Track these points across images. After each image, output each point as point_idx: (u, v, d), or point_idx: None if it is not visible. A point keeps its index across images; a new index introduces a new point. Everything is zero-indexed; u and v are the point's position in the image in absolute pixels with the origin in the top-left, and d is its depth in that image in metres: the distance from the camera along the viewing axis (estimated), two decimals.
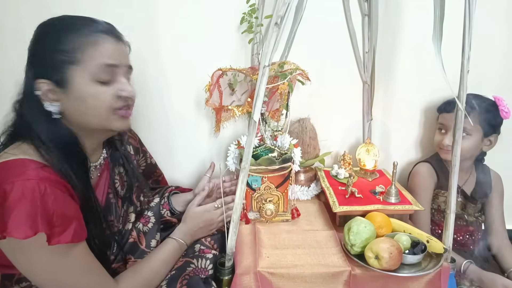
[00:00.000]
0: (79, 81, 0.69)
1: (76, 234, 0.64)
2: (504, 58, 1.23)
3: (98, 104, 0.71)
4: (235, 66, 1.04)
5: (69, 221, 0.63)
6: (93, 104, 0.70)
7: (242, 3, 1.07)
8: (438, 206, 1.20)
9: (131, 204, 0.91)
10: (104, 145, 0.86)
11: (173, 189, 1.11)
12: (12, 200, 0.58)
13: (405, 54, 1.22)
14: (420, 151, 1.34)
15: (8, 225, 0.57)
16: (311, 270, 0.81)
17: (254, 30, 1.09)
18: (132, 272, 0.78)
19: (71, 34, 0.69)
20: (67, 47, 0.68)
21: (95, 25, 0.72)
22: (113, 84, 0.72)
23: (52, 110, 0.70)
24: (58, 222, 0.61)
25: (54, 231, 0.61)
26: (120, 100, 0.73)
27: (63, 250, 0.63)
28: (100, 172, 0.83)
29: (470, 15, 0.72)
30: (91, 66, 0.69)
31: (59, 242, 0.61)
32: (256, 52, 1.14)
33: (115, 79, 0.73)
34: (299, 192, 1.17)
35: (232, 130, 1.25)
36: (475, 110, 1.09)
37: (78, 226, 0.65)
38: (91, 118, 0.72)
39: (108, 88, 0.71)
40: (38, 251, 0.62)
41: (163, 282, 0.79)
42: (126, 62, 0.75)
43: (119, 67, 0.73)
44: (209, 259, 0.85)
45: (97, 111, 0.71)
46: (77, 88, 0.69)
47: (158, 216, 0.95)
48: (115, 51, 0.72)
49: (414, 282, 0.81)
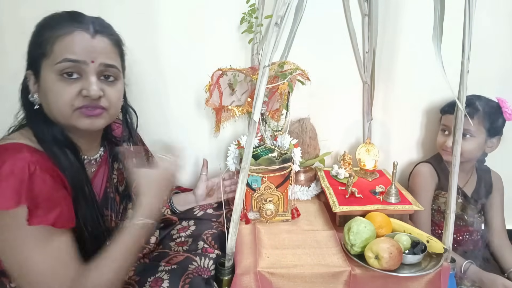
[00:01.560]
0: (46, 75, 0.69)
1: (59, 220, 0.63)
2: (504, 58, 1.23)
3: (59, 100, 0.68)
4: (235, 66, 1.04)
5: (54, 205, 0.63)
6: (54, 100, 0.69)
7: (242, 3, 1.07)
8: (438, 207, 1.20)
9: (129, 200, 0.91)
10: (102, 141, 0.86)
11: (174, 188, 1.11)
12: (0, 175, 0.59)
13: (405, 54, 1.22)
14: (420, 151, 1.34)
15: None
16: (311, 270, 0.81)
17: (254, 30, 1.09)
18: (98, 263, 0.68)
19: (48, 28, 0.69)
20: (41, 39, 0.69)
21: (74, 19, 0.70)
22: (80, 82, 0.69)
23: (32, 101, 0.72)
24: (42, 204, 0.61)
25: (37, 212, 0.60)
26: (83, 99, 0.69)
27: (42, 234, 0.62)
28: (97, 166, 0.83)
29: (470, 15, 0.72)
30: (54, 60, 0.67)
31: (40, 222, 0.60)
32: (256, 52, 1.14)
33: (83, 76, 0.69)
34: (299, 192, 1.17)
35: (232, 130, 1.25)
36: (479, 111, 1.09)
37: (63, 213, 0.64)
38: (54, 113, 0.70)
39: (71, 86, 0.68)
40: (17, 229, 0.61)
41: (165, 277, 0.78)
42: (99, 59, 0.70)
43: (86, 63, 0.68)
44: (212, 259, 0.85)
45: (57, 107, 0.69)
46: (43, 82, 0.69)
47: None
48: (85, 47, 0.68)
49: (414, 282, 0.81)
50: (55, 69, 0.67)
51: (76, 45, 0.68)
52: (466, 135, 1.09)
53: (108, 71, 0.73)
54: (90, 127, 0.72)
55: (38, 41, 0.69)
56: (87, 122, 0.71)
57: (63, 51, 0.67)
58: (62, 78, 0.68)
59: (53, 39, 0.68)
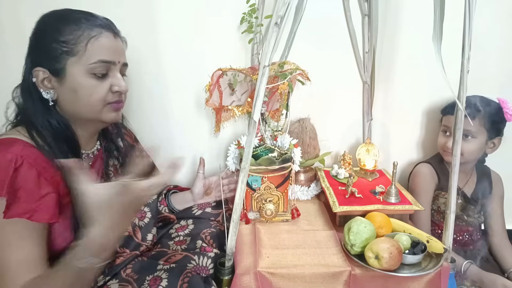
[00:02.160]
0: (75, 73, 0.71)
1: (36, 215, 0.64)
2: (504, 58, 1.23)
3: (92, 96, 0.73)
4: (235, 66, 1.04)
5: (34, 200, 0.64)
6: (87, 96, 0.73)
7: (242, 3, 1.07)
8: (438, 207, 1.20)
9: None
10: (99, 136, 0.88)
11: (172, 187, 1.11)
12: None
13: (405, 54, 1.22)
14: (420, 152, 1.34)
15: None
16: (311, 270, 0.81)
17: (254, 30, 1.09)
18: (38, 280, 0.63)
19: (71, 26, 0.71)
20: (66, 38, 0.70)
21: (95, 19, 0.73)
22: (108, 79, 0.75)
23: (47, 98, 0.73)
24: (22, 198, 0.63)
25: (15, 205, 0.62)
26: (113, 95, 0.76)
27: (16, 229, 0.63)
28: (92, 161, 0.84)
29: (470, 15, 0.72)
30: (88, 60, 0.71)
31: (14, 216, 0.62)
32: (256, 52, 1.14)
33: (110, 74, 0.75)
34: (299, 192, 1.17)
35: (232, 130, 1.25)
36: (480, 112, 1.09)
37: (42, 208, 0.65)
38: (83, 108, 0.74)
39: (102, 82, 0.74)
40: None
41: (163, 275, 0.77)
42: (122, 59, 0.78)
43: (115, 64, 0.75)
44: (211, 257, 0.85)
45: (90, 103, 0.74)
46: (72, 79, 0.72)
47: (155, 212, 0.95)
48: (113, 48, 0.74)
49: (414, 282, 0.81)
50: (88, 68, 0.71)
51: (108, 47, 0.73)
52: (467, 136, 1.09)
53: (125, 69, 0.81)
54: (115, 119, 0.79)
55: (59, 39, 0.70)
56: (114, 115, 0.78)
57: (97, 52, 0.72)
58: (94, 76, 0.73)
59: (84, 39, 0.70)
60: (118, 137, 0.94)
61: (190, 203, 1.07)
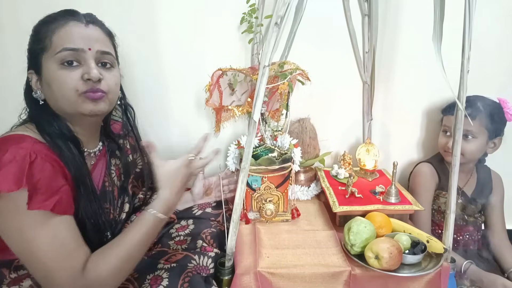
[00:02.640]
0: (47, 67, 0.72)
1: (58, 206, 0.64)
2: (504, 58, 1.23)
3: (63, 87, 0.72)
4: (235, 66, 1.04)
5: (53, 192, 0.65)
6: (59, 88, 0.72)
7: (242, 3, 1.07)
8: (438, 207, 1.19)
9: (126, 194, 0.92)
10: (101, 136, 0.88)
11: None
12: (2, 161, 0.61)
13: (405, 54, 1.22)
14: (420, 151, 1.34)
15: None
16: (311, 270, 0.81)
17: (254, 30, 1.09)
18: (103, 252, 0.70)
19: (44, 25, 0.73)
20: (39, 37, 0.72)
21: (67, 13, 0.74)
22: (79, 68, 0.73)
23: (36, 97, 0.75)
24: (42, 190, 0.63)
25: (36, 197, 0.62)
26: (86, 83, 0.73)
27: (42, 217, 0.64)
28: (96, 160, 0.85)
29: (470, 15, 0.72)
30: (54, 51, 0.71)
31: (39, 208, 0.62)
32: (256, 52, 1.14)
33: (82, 63, 0.73)
34: (299, 192, 1.17)
35: (232, 130, 1.25)
36: (480, 112, 1.08)
37: (62, 199, 0.66)
38: (60, 102, 0.73)
39: (73, 72, 0.72)
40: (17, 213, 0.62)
41: (164, 275, 0.78)
42: (96, 47, 0.74)
43: (84, 51, 0.72)
44: (211, 257, 0.85)
45: (63, 94, 0.72)
46: (46, 74, 0.72)
47: None
48: (81, 35, 0.73)
49: (414, 282, 0.81)
50: (56, 59, 0.71)
51: (72, 34, 0.72)
52: (468, 136, 1.09)
53: (105, 58, 0.77)
54: (93, 110, 0.75)
55: (36, 39, 0.73)
56: (91, 106, 0.74)
57: (61, 42, 0.71)
58: (63, 67, 0.71)
59: (50, 32, 0.71)
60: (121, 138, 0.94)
61: (190, 204, 1.07)
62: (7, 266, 0.71)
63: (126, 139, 0.97)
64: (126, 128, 0.96)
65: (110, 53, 0.78)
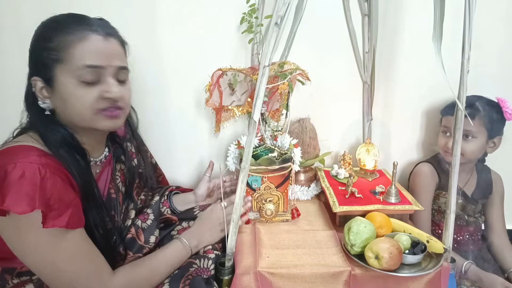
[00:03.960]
0: (63, 81, 0.69)
1: (71, 221, 0.64)
2: (504, 58, 1.23)
3: (81, 105, 0.69)
4: (235, 66, 1.04)
5: (65, 206, 0.64)
6: (76, 105, 0.70)
7: (242, 3, 1.07)
8: (438, 207, 1.19)
9: (131, 201, 0.91)
10: (107, 142, 0.86)
11: (174, 188, 1.11)
12: (12, 178, 0.59)
13: (405, 54, 1.22)
14: (420, 151, 1.34)
15: (6, 199, 0.58)
16: (311, 270, 0.81)
17: (254, 30, 1.09)
18: (131, 266, 0.77)
19: (59, 32, 0.69)
20: (53, 45, 0.68)
21: (83, 23, 0.70)
22: (99, 85, 0.70)
23: (44, 107, 0.71)
24: (55, 206, 0.62)
25: (50, 214, 0.61)
26: (104, 101, 0.71)
27: (58, 234, 0.64)
28: (101, 168, 0.84)
29: (470, 15, 0.72)
30: (74, 66, 0.68)
31: (54, 225, 0.61)
32: (256, 52, 1.14)
33: (101, 79, 0.71)
34: (299, 192, 1.17)
35: (232, 130, 1.25)
36: (479, 112, 1.09)
37: (74, 213, 0.65)
38: (75, 117, 0.71)
39: (91, 90, 0.69)
40: (33, 231, 0.62)
41: (165, 280, 0.79)
42: (115, 63, 0.72)
43: (104, 68, 0.70)
44: (211, 259, 0.85)
45: (79, 111, 0.70)
46: (61, 87, 0.69)
47: (157, 214, 0.95)
48: (101, 51, 0.70)
49: (414, 282, 0.81)
50: (75, 75, 0.68)
51: (93, 50, 0.69)
52: (467, 136, 1.09)
53: (122, 73, 0.75)
54: (110, 127, 0.75)
55: (48, 47, 0.68)
56: (108, 124, 0.73)
57: (82, 57, 0.68)
58: (82, 84, 0.69)
59: (68, 44, 0.67)
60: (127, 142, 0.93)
61: (192, 204, 1.07)
62: (10, 273, 0.71)
63: (131, 142, 0.96)
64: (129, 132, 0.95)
65: (126, 67, 0.76)
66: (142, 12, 1.11)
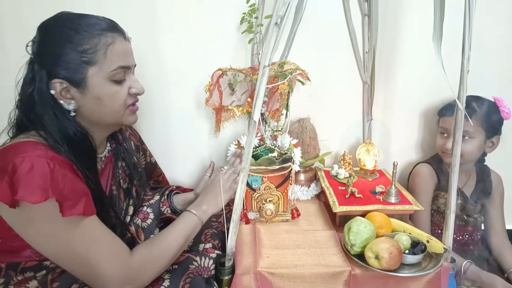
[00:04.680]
0: (97, 81, 0.72)
1: (87, 208, 0.65)
2: (504, 58, 1.23)
3: (115, 102, 0.75)
4: (235, 66, 1.05)
5: (79, 196, 0.65)
6: (110, 103, 0.74)
7: (242, 3, 1.07)
8: (437, 207, 1.19)
9: (131, 197, 0.92)
10: (108, 138, 0.88)
11: (174, 188, 1.11)
12: (21, 171, 0.60)
13: (405, 54, 1.22)
14: (420, 151, 1.34)
15: (19, 191, 0.59)
16: (311, 270, 0.81)
17: (254, 30, 1.09)
18: (147, 244, 0.78)
19: (85, 33, 0.69)
20: (84, 48, 0.69)
21: (104, 24, 0.73)
22: (125, 82, 0.77)
23: (69, 109, 0.72)
24: (69, 196, 0.63)
25: (66, 203, 0.62)
26: (131, 97, 0.78)
27: (75, 221, 0.65)
28: (104, 164, 0.85)
29: (470, 15, 0.72)
30: (109, 68, 0.72)
31: (72, 213, 0.62)
32: (256, 52, 1.15)
33: (126, 77, 0.77)
34: (299, 192, 1.17)
35: (232, 130, 1.25)
36: (476, 112, 1.09)
37: (88, 201, 0.67)
38: (106, 115, 0.76)
39: (121, 87, 0.76)
40: (49, 221, 0.63)
41: (166, 276, 0.79)
42: (133, 62, 0.80)
43: (130, 68, 0.78)
44: (212, 258, 0.85)
45: (113, 109, 0.75)
46: (94, 88, 0.72)
47: (157, 213, 0.95)
48: (127, 52, 0.77)
49: (414, 282, 0.81)
50: (109, 76, 0.72)
51: (124, 52, 0.75)
52: (465, 136, 1.09)
53: (134, 70, 0.81)
54: (134, 121, 0.82)
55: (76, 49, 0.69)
56: (134, 118, 0.82)
57: (116, 59, 0.73)
58: (115, 83, 0.74)
59: (100, 47, 0.71)
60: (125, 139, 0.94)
61: None
62: (14, 269, 0.71)
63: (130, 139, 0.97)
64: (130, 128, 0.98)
65: None
66: (142, 12, 1.11)
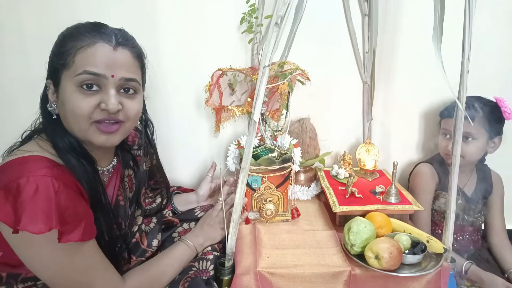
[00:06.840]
0: (65, 85, 0.68)
1: (85, 233, 0.64)
2: (504, 58, 1.23)
3: (77, 112, 0.67)
4: (235, 66, 1.05)
5: (79, 219, 0.63)
6: (72, 111, 0.67)
7: (242, 3, 1.07)
8: (438, 207, 1.19)
9: (139, 207, 0.91)
10: (116, 150, 0.85)
11: (175, 189, 1.11)
12: (26, 194, 0.58)
13: (405, 54, 1.22)
14: (420, 152, 1.34)
15: (22, 219, 0.57)
16: (311, 270, 0.81)
17: (254, 30, 1.09)
18: (140, 270, 0.78)
19: (69, 38, 0.69)
20: (62, 50, 0.68)
21: (95, 30, 0.69)
22: (99, 94, 0.68)
23: (50, 110, 0.72)
24: (69, 219, 0.61)
25: (65, 229, 0.61)
26: (101, 113, 0.68)
27: (73, 247, 0.64)
28: (110, 176, 0.83)
29: (470, 15, 0.72)
30: (75, 72, 0.66)
31: (69, 240, 0.61)
32: (256, 52, 1.14)
33: (103, 90, 0.68)
34: (299, 192, 1.17)
35: (232, 130, 1.25)
36: (478, 113, 1.08)
37: (88, 225, 0.65)
38: (71, 125, 0.69)
39: (90, 98, 0.67)
40: (48, 247, 0.62)
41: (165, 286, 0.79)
42: (119, 74, 0.69)
43: (106, 77, 0.67)
44: (210, 260, 0.85)
45: (75, 119, 0.68)
46: (62, 92, 0.68)
47: (160, 216, 0.95)
48: (106, 60, 0.67)
49: (414, 282, 0.81)
50: (75, 81, 0.66)
51: (97, 58, 0.67)
52: (468, 138, 1.09)
53: (128, 84, 0.72)
54: (105, 143, 0.71)
55: (59, 51, 0.69)
56: (103, 138, 0.70)
57: (83, 63, 0.66)
58: (81, 90, 0.67)
59: (74, 50, 0.67)
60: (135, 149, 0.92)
61: (194, 205, 1.07)
62: (15, 278, 0.71)
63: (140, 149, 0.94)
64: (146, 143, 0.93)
65: (135, 80, 0.72)
66: (142, 12, 1.11)
